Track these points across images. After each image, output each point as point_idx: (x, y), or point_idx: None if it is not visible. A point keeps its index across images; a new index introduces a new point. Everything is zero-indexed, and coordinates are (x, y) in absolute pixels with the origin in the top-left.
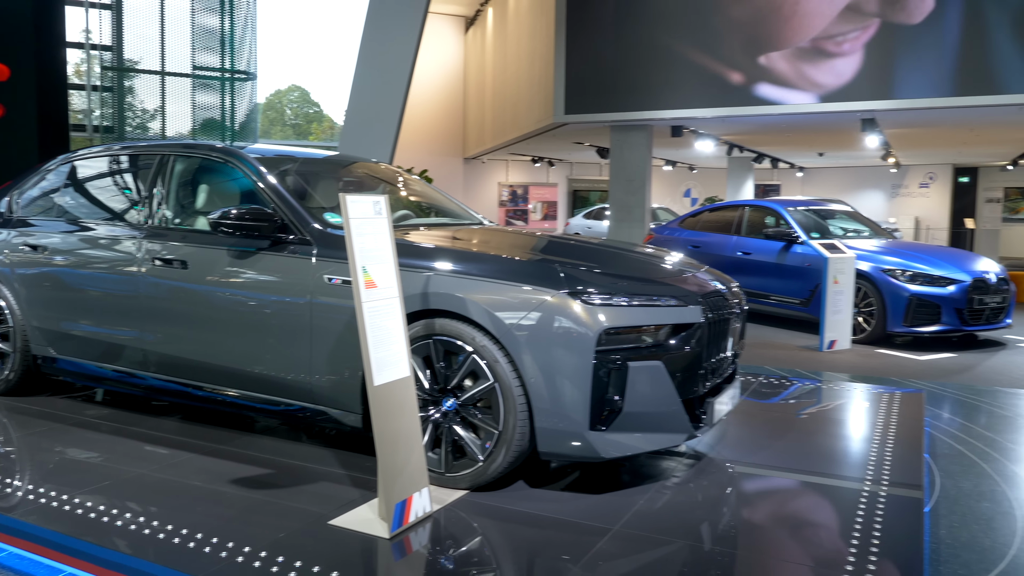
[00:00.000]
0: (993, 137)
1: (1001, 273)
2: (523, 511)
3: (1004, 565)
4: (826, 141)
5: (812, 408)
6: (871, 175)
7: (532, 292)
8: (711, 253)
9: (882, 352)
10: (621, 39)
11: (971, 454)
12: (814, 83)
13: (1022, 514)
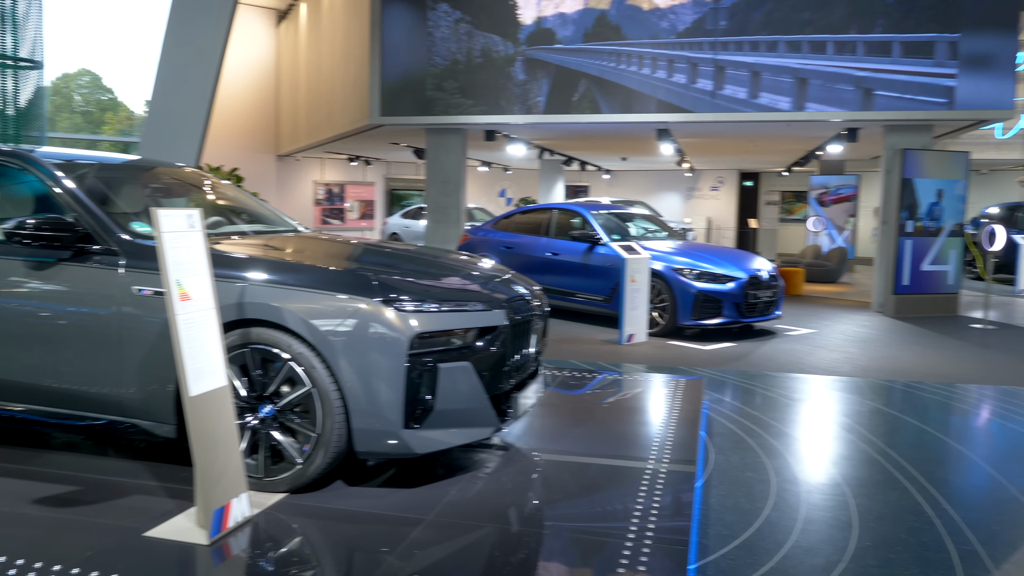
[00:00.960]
0: (769, 148)
1: (772, 271)
2: (341, 509)
3: (759, 523)
4: (628, 148)
5: (612, 397)
6: (669, 178)
7: (347, 300)
8: (523, 254)
9: (674, 343)
10: (436, 44)
11: (741, 432)
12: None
13: (776, 480)
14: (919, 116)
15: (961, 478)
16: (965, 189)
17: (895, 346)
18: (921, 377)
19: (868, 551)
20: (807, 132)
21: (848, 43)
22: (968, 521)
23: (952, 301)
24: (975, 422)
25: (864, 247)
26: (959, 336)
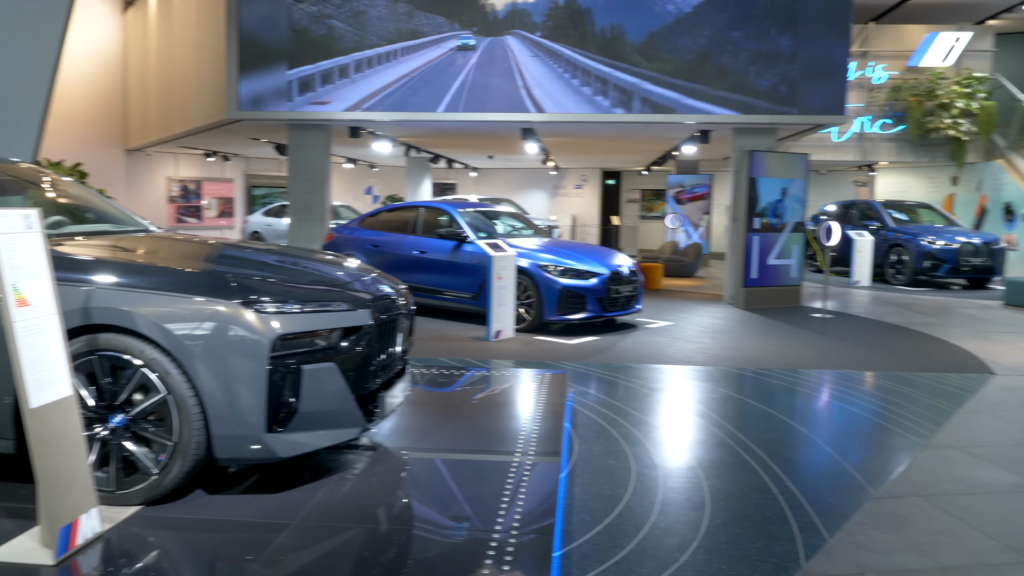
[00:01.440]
0: (629, 148)
1: (633, 266)
2: (202, 518)
3: (620, 508)
4: (494, 146)
5: (480, 393)
6: (535, 176)
7: (204, 303)
8: (390, 252)
9: (540, 339)
10: (296, 36)
11: (604, 422)
12: None
13: (637, 466)
14: (764, 120)
15: (802, 457)
16: (805, 188)
17: (745, 336)
18: (768, 364)
19: (719, 528)
20: (664, 133)
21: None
22: (807, 496)
23: (795, 292)
24: (815, 404)
25: (717, 243)
26: (802, 325)
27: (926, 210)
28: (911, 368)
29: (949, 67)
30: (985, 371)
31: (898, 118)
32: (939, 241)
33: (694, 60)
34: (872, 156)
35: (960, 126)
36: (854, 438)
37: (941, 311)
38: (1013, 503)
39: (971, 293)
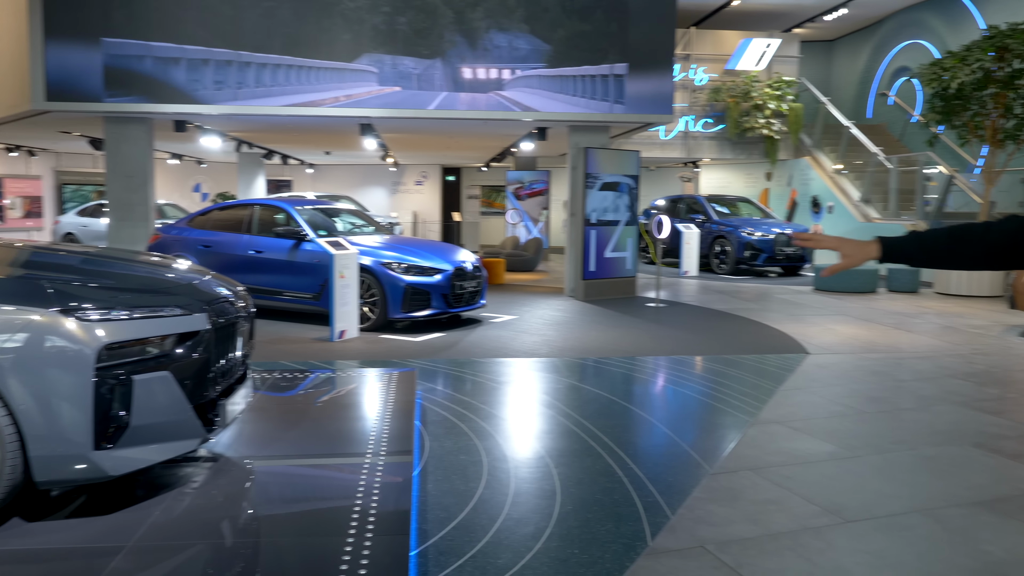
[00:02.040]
0: (468, 144)
1: (476, 262)
2: (21, 549)
3: (474, 502)
4: (331, 142)
5: (325, 396)
6: (375, 173)
7: (16, 312)
8: (224, 252)
9: (385, 337)
10: (114, 22)
11: (454, 418)
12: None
13: (488, 460)
14: (597, 118)
15: (643, 440)
16: (637, 184)
17: (586, 327)
18: (608, 353)
19: (570, 514)
20: (503, 130)
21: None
22: (650, 477)
23: (631, 284)
24: (653, 389)
25: (557, 237)
26: (638, 314)
27: (745, 203)
28: (737, 351)
29: (762, 71)
30: (801, 351)
31: (718, 118)
32: (757, 232)
33: None
34: (696, 153)
35: (772, 126)
36: (689, 419)
37: (761, 297)
38: (830, 470)
39: (786, 280)
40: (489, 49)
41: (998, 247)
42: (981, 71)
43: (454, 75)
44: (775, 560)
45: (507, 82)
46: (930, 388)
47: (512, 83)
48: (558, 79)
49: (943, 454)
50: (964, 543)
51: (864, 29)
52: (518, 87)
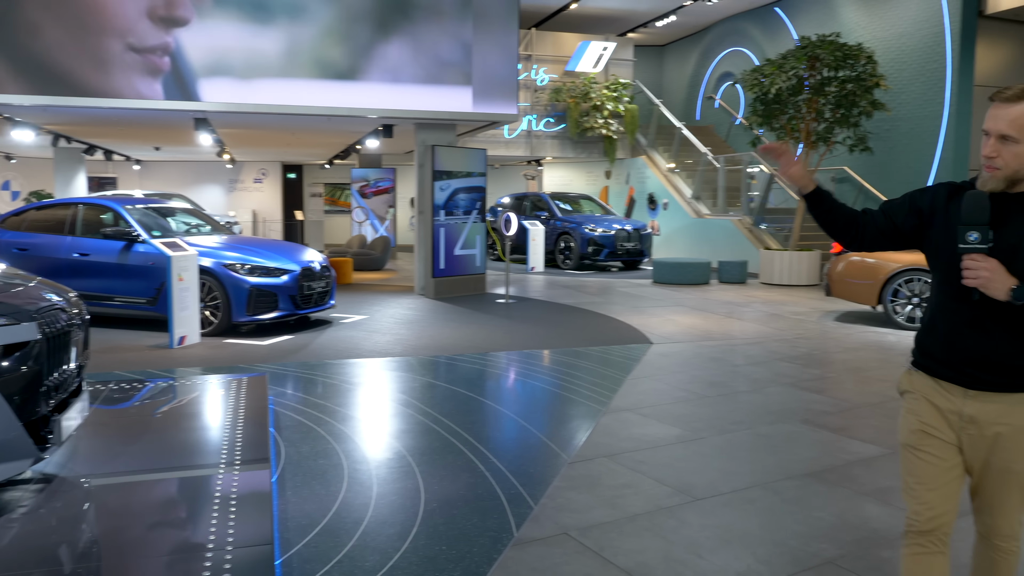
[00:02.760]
0: (311, 141)
1: (324, 261)
2: None
3: (337, 506)
4: (161, 136)
5: (167, 406)
6: (210, 170)
7: None
8: (43, 256)
9: (230, 342)
10: None
11: (309, 422)
12: (146, 79)
13: (348, 462)
14: (444, 116)
15: (502, 434)
16: (484, 181)
17: (438, 324)
18: (461, 350)
19: (435, 511)
20: (347, 127)
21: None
22: (511, 469)
23: (481, 281)
24: (507, 384)
25: (404, 235)
26: (488, 311)
27: (587, 201)
28: (585, 343)
29: (600, 73)
30: (645, 341)
31: (559, 117)
32: (599, 229)
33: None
34: (539, 152)
35: (611, 126)
36: (544, 411)
37: (604, 291)
38: (678, 452)
39: (627, 274)
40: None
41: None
42: (796, 78)
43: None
44: (634, 541)
45: (352, 79)
46: (761, 371)
47: (357, 79)
48: (405, 77)
49: (776, 431)
50: (799, 511)
51: (692, 36)
52: (364, 83)
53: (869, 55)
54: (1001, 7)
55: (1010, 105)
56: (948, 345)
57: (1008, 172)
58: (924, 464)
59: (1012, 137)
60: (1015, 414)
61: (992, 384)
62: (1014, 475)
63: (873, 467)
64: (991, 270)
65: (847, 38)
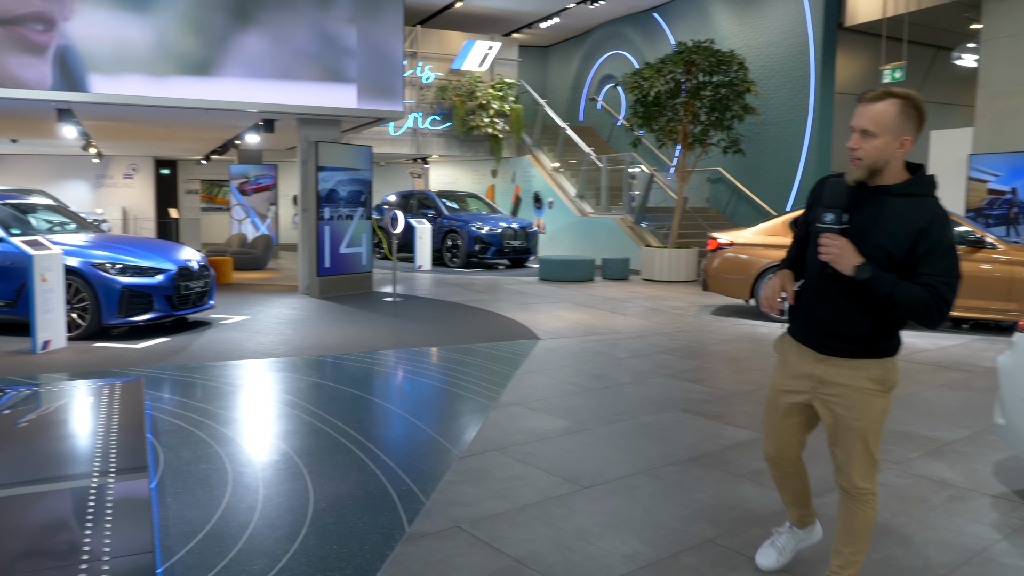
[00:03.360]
0: (185, 135)
1: (202, 260)
2: None
3: (221, 511)
4: (19, 128)
5: (32, 415)
6: (74, 164)
7: None
8: None
9: (100, 345)
10: None
11: (189, 426)
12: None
13: (232, 466)
14: (328, 111)
15: (392, 431)
16: (370, 178)
17: (323, 324)
18: (349, 349)
19: (325, 511)
20: (225, 121)
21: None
22: (402, 466)
23: (367, 279)
24: (396, 382)
25: (287, 234)
26: (375, 309)
27: (473, 199)
28: (473, 340)
29: (485, 72)
30: (532, 337)
31: (445, 115)
32: (486, 227)
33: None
34: (425, 150)
35: (496, 125)
36: (434, 407)
37: (492, 288)
38: (566, 443)
39: (514, 271)
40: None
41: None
42: (673, 82)
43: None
44: (524, 531)
45: (230, 72)
46: (644, 364)
47: (236, 72)
48: (288, 71)
49: (658, 420)
50: (681, 495)
51: (575, 38)
52: (243, 77)
53: (741, 62)
54: (857, 20)
55: (872, 104)
56: (806, 314)
57: (868, 162)
58: (776, 414)
59: (871, 132)
60: (855, 377)
61: (838, 350)
62: (856, 431)
63: (747, 451)
64: (841, 247)
65: (720, 45)
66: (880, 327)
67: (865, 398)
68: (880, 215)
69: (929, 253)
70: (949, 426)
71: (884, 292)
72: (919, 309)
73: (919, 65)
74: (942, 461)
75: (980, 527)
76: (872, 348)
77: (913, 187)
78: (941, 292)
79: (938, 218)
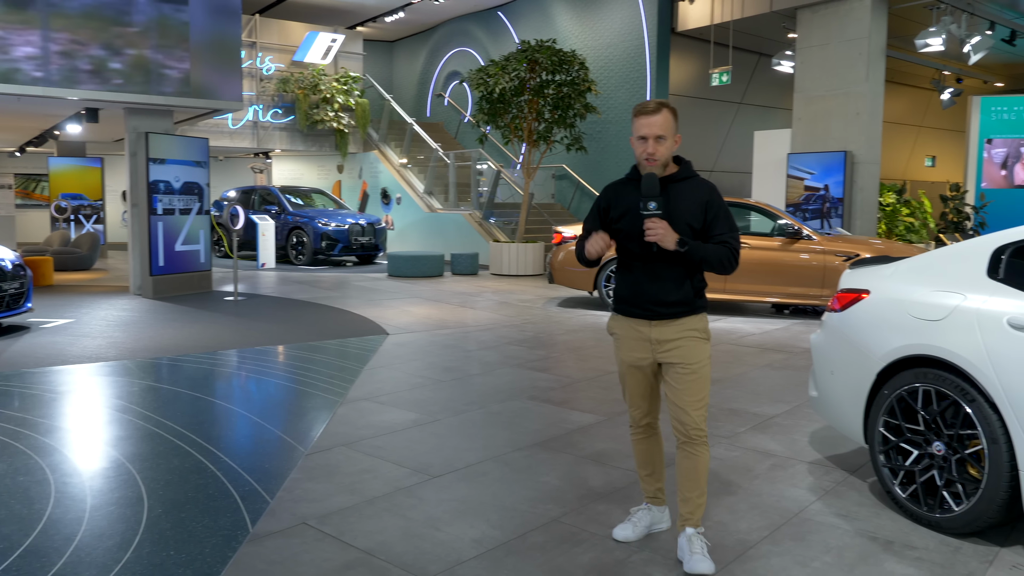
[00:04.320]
0: None
1: (16, 260)
2: None
3: (43, 524)
4: None
5: None
6: None
7: None
8: None
9: None
10: None
11: (5, 437)
12: None
13: (55, 477)
14: (159, 101)
15: (235, 433)
16: (207, 172)
17: (158, 325)
18: (187, 350)
19: (161, 517)
20: (41, 109)
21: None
22: (245, 467)
23: (206, 278)
24: (239, 382)
25: (116, 232)
26: (215, 309)
27: (319, 195)
28: (321, 337)
29: (329, 65)
30: (381, 332)
31: (288, 109)
32: (332, 223)
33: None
34: (267, 144)
35: (341, 119)
36: (280, 407)
37: (340, 285)
38: (416, 435)
39: (362, 268)
40: None
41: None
42: (518, 79)
43: None
44: (373, 522)
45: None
46: (492, 355)
47: (53, 57)
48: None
49: (506, 408)
50: (528, 479)
51: (421, 33)
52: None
53: (582, 61)
54: (689, 26)
55: (654, 115)
56: (634, 291)
57: (663, 161)
58: (631, 382)
59: (664, 136)
60: (684, 331)
61: (666, 314)
62: (694, 373)
63: (590, 433)
64: (664, 228)
65: (562, 45)
66: (694, 289)
67: (695, 344)
68: (676, 198)
69: (716, 218)
70: (772, 402)
71: (700, 255)
72: (724, 261)
73: (744, 70)
74: (766, 434)
75: (798, 491)
76: (691, 307)
77: (686, 172)
78: (732, 245)
79: (712, 191)
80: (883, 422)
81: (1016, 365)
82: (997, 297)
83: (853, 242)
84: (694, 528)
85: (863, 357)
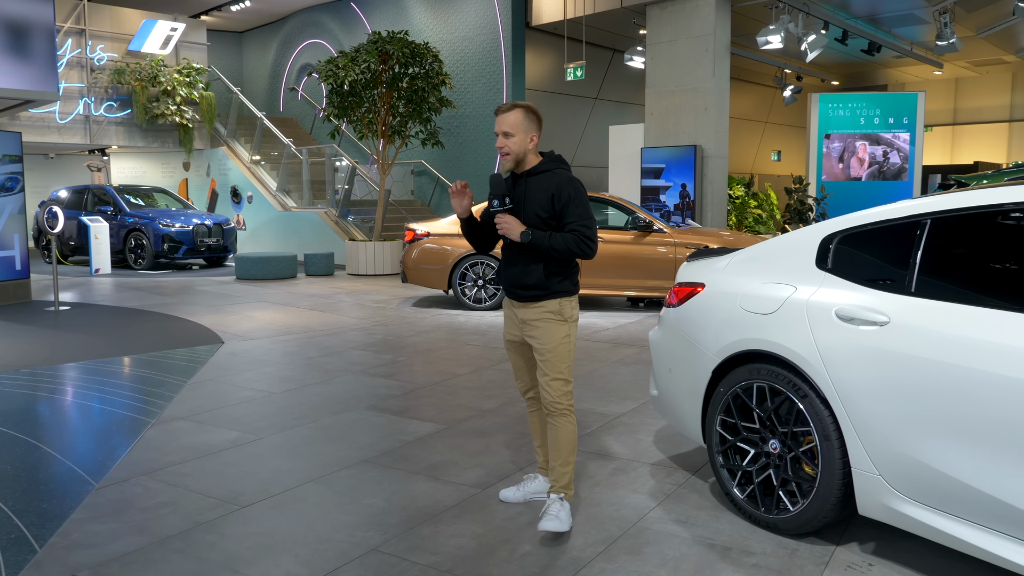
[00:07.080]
0: None
1: None
2: None
3: None
4: None
5: None
6: None
7: None
8: None
9: None
10: None
11: None
12: None
13: None
14: None
15: (12, 467)
16: (21, 169)
17: None
18: None
19: None
20: None
21: None
22: (16, 509)
23: (24, 287)
24: (38, 405)
25: None
26: (31, 322)
27: (162, 194)
28: (145, 349)
29: (169, 55)
30: (216, 341)
31: (124, 102)
32: (176, 224)
33: None
34: (102, 140)
35: (185, 113)
36: (78, 432)
37: (182, 291)
38: (231, 458)
39: (209, 271)
40: None
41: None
42: (370, 72)
43: None
44: (161, 568)
45: None
46: (335, 361)
47: None
48: None
49: (339, 421)
50: (351, 502)
51: (271, 24)
52: None
53: (435, 54)
54: (543, 20)
55: (507, 113)
56: (504, 275)
57: (514, 155)
58: (511, 357)
59: (511, 133)
60: (539, 313)
61: (526, 297)
62: (549, 352)
63: (427, 444)
64: (509, 223)
65: (417, 37)
66: (549, 274)
67: (548, 326)
68: (528, 191)
69: (565, 207)
70: (619, 400)
71: (545, 245)
72: (572, 248)
73: (599, 65)
74: (611, 435)
75: (638, 497)
76: (548, 291)
77: (545, 166)
78: (581, 232)
79: (564, 182)
80: (720, 421)
81: (845, 359)
82: (826, 288)
83: (704, 234)
84: (557, 494)
85: (699, 354)
